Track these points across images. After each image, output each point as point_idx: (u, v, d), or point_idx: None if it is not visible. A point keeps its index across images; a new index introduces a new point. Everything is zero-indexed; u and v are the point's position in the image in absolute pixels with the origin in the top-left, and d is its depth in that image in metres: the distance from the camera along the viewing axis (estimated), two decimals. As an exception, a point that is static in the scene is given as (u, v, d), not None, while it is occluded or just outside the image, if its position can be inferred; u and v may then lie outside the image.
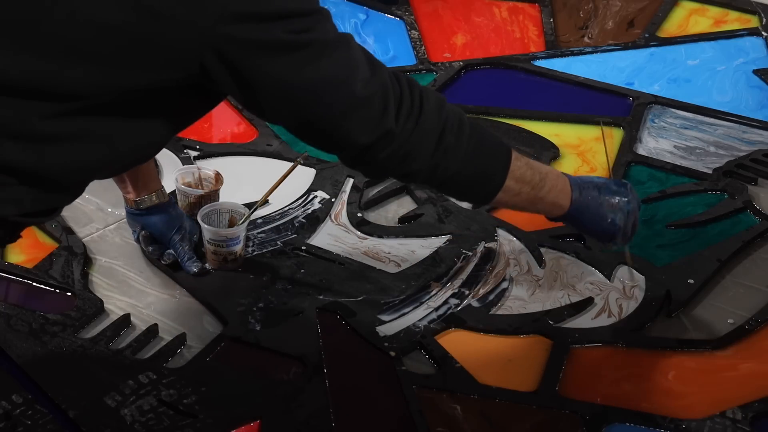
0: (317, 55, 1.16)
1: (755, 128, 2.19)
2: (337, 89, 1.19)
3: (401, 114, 1.24)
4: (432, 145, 1.28)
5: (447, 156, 1.29)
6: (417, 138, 1.26)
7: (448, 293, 1.65)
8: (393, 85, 1.25)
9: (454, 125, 1.30)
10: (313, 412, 1.40)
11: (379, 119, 1.22)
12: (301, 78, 1.16)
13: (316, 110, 1.20)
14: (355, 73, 1.20)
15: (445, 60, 2.41)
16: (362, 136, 1.23)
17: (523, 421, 1.42)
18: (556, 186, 1.41)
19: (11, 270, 1.64)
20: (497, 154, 1.35)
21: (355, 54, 1.21)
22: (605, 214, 1.46)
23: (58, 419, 1.36)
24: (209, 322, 1.57)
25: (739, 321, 1.63)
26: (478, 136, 1.33)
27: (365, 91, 1.20)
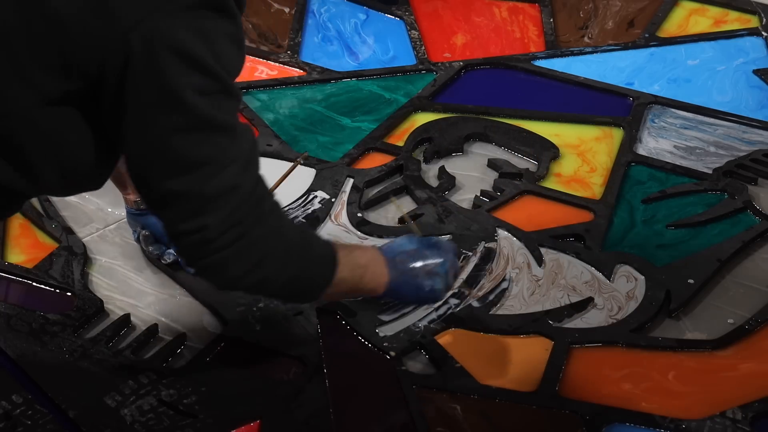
0: (199, 128, 1.11)
1: (755, 128, 2.18)
2: (188, 167, 1.13)
3: (230, 226, 1.17)
4: (246, 269, 1.21)
5: (263, 283, 1.25)
6: (231, 254, 1.18)
7: (448, 293, 1.65)
8: (244, 196, 1.17)
9: (280, 255, 1.23)
10: (313, 412, 1.41)
11: (205, 215, 1.15)
12: (167, 137, 1.11)
13: (158, 172, 1.14)
14: (219, 166, 1.14)
15: (445, 60, 2.41)
16: (181, 219, 1.16)
17: (523, 421, 1.42)
18: (375, 273, 1.37)
19: (11, 270, 1.64)
20: (321, 273, 1.30)
21: (235, 148, 1.16)
22: (422, 284, 1.40)
23: (58, 419, 1.36)
24: (209, 322, 1.57)
25: (739, 321, 1.63)
26: (305, 261, 1.28)
27: (216, 188, 1.14)
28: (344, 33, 2.51)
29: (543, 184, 1.96)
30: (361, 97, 2.25)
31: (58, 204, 1.82)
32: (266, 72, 2.32)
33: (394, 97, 2.25)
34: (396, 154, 2.01)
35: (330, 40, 2.49)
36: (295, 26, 2.51)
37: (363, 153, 2.03)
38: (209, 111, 1.11)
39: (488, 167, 2.01)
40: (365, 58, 2.42)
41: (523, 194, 1.92)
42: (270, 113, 2.15)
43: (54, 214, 1.78)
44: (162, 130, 1.11)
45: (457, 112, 2.19)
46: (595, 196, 1.94)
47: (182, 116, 1.10)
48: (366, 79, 2.32)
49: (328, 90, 2.27)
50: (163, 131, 1.11)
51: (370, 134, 2.09)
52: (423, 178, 1.95)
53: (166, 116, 1.10)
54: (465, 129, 2.12)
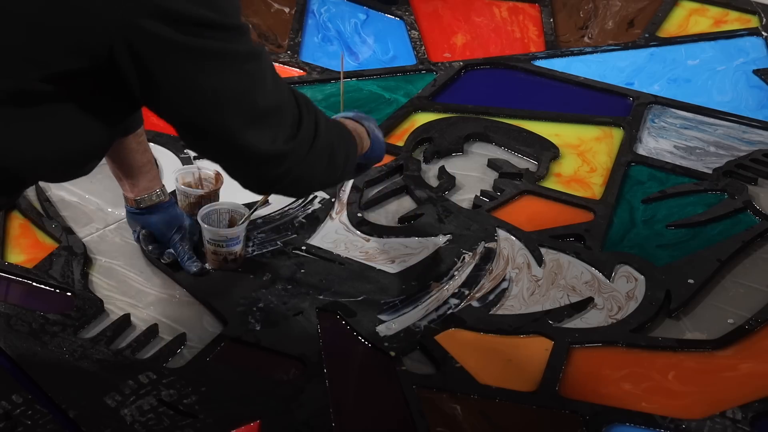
0: (226, 65, 1.16)
1: (755, 128, 2.19)
2: (235, 103, 1.19)
3: (299, 136, 1.27)
4: (323, 168, 1.34)
5: (333, 175, 1.40)
6: (309, 162, 1.30)
7: (447, 293, 1.65)
8: (292, 106, 1.27)
9: (340, 145, 1.38)
10: (313, 412, 1.41)
11: (273, 137, 1.24)
12: (207, 84, 1.16)
13: (215, 118, 1.19)
14: (256, 88, 1.20)
15: (445, 60, 2.41)
16: (256, 150, 1.23)
17: (523, 421, 1.42)
18: (358, 129, 1.53)
19: (11, 270, 1.64)
20: (354, 153, 1.46)
21: (262, 69, 1.22)
22: (380, 136, 1.59)
23: (58, 419, 1.36)
24: (209, 322, 1.57)
25: (739, 321, 1.63)
26: (346, 145, 1.42)
27: (264, 108, 1.21)
28: (344, 33, 2.51)
29: (543, 184, 1.96)
30: (361, 97, 2.25)
31: (58, 204, 1.82)
32: (266, 72, 2.32)
33: (394, 97, 2.25)
34: (396, 154, 2.01)
35: (330, 40, 2.49)
36: (295, 26, 2.51)
37: (363, 153, 2.03)
38: (228, 47, 1.15)
39: (488, 167, 2.01)
40: (365, 58, 2.42)
41: (523, 194, 1.92)
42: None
43: (54, 214, 1.78)
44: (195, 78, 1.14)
45: (457, 112, 2.19)
46: (595, 196, 1.94)
47: (208, 60, 1.14)
48: (366, 79, 2.32)
49: (328, 90, 2.27)
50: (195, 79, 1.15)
51: (370, 134, 2.09)
52: (423, 178, 1.95)
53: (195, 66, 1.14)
54: (465, 129, 2.12)
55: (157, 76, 1.13)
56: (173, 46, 1.11)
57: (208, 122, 1.20)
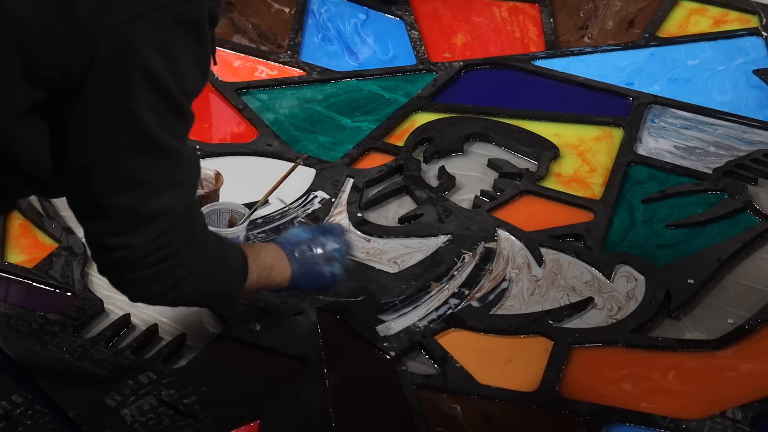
0: (143, 145, 1.11)
1: (755, 128, 2.19)
2: (128, 185, 1.14)
3: (157, 249, 1.18)
4: (165, 291, 1.24)
5: (178, 301, 1.30)
6: (152, 274, 1.20)
7: (447, 293, 1.65)
8: (176, 221, 1.18)
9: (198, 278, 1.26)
10: (313, 412, 1.41)
11: (134, 234, 1.16)
12: (112, 151, 1.11)
13: (97, 187, 1.14)
14: (158, 184, 1.15)
15: (445, 60, 2.41)
16: (110, 232, 1.17)
17: (523, 421, 1.42)
18: (280, 271, 1.42)
19: (11, 270, 1.64)
20: (236, 284, 1.35)
21: (179, 173, 1.17)
22: (322, 271, 1.46)
23: (58, 419, 1.36)
24: (209, 322, 1.57)
25: (739, 321, 1.63)
26: (221, 277, 1.31)
27: (153, 207, 1.15)
28: (344, 33, 2.51)
29: (543, 184, 1.96)
30: (361, 97, 2.25)
31: (58, 204, 1.81)
32: (266, 72, 2.32)
33: (394, 97, 2.25)
34: (396, 154, 2.01)
35: (330, 40, 2.49)
36: (295, 26, 2.51)
37: (363, 153, 2.03)
38: (159, 134, 1.12)
39: (488, 167, 2.01)
40: (365, 58, 2.42)
41: (523, 194, 1.92)
42: (270, 113, 2.15)
43: (54, 214, 1.78)
44: (110, 142, 1.11)
45: (457, 112, 2.19)
46: (595, 196, 1.94)
47: (132, 133, 1.10)
48: (366, 79, 2.32)
49: (328, 90, 2.27)
50: (110, 144, 1.11)
51: (370, 134, 2.09)
52: (423, 178, 1.95)
53: (117, 130, 1.10)
54: (465, 129, 2.12)
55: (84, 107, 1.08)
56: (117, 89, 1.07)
57: (90, 184, 1.14)
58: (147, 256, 1.18)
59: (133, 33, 1.05)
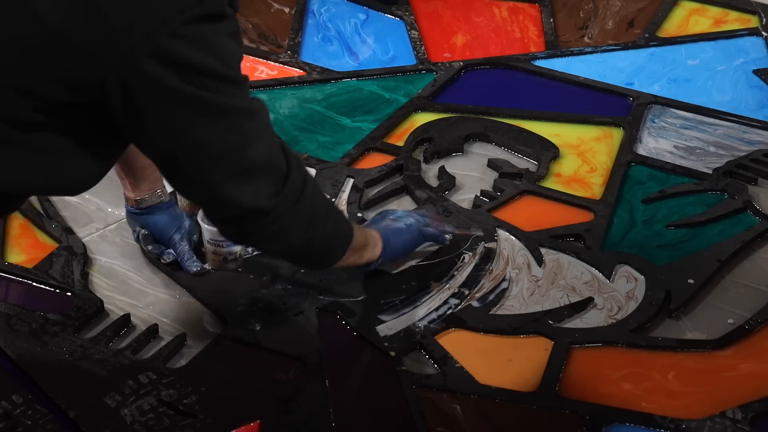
0: (216, 117, 1.16)
1: (755, 128, 2.18)
2: (222, 156, 1.19)
3: (281, 195, 1.26)
4: (301, 231, 1.33)
5: (310, 242, 1.37)
6: (288, 220, 1.29)
7: (448, 293, 1.65)
8: (281, 164, 1.26)
9: (322, 213, 1.37)
10: (313, 412, 1.41)
11: (255, 194, 1.23)
12: (192, 134, 1.15)
13: (196, 169, 1.19)
14: (246, 144, 1.20)
15: (445, 60, 2.41)
16: (235, 204, 1.23)
17: (523, 421, 1.42)
18: (371, 236, 1.57)
19: (11, 270, 1.64)
20: (345, 235, 1.46)
21: (256, 126, 1.21)
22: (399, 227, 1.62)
23: (58, 419, 1.36)
24: (209, 322, 1.57)
25: (739, 321, 1.63)
26: (334, 220, 1.41)
27: (251, 165, 1.21)
28: (344, 33, 2.51)
29: (543, 184, 1.96)
30: (361, 97, 2.25)
31: (58, 204, 1.82)
32: (266, 72, 2.32)
33: (394, 97, 2.25)
34: (396, 154, 2.01)
35: (330, 40, 2.49)
36: (295, 26, 2.51)
37: (363, 153, 2.03)
38: (224, 101, 1.15)
39: (488, 167, 2.01)
40: (365, 58, 2.42)
41: (523, 194, 1.92)
42: (270, 113, 2.15)
43: (54, 214, 1.78)
44: (186, 127, 1.14)
45: (457, 112, 2.19)
46: (595, 196, 1.94)
47: (202, 111, 1.14)
48: (366, 79, 2.32)
49: (328, 90, 2.27)
50: (186, 128, 1.14)
51: (370, 134, 2.09)
52: (423, 178, 1.95)
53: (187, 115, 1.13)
54: (465, 129, 2.12)
55: (146, 117, 1.12)
56: (169, 91, 1.10)
57: (188, 168, 1.19)
58: (276, 206, 1.26)
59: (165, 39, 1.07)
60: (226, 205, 1.24)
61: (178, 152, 1.18)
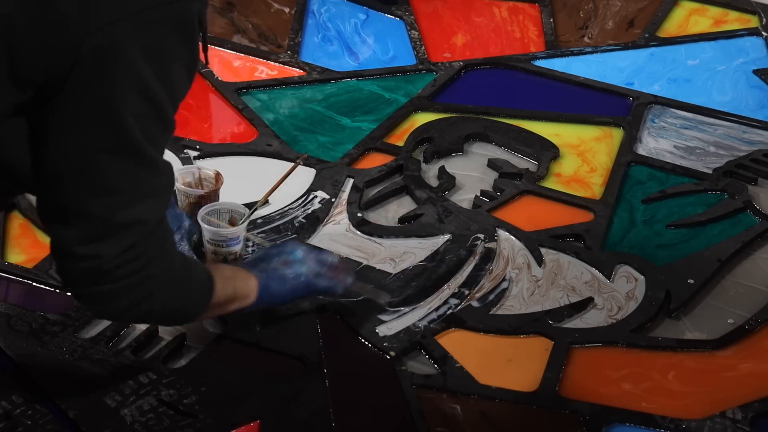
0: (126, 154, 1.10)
1: (755, 128, 2.19)
2: (106, 191, 1.12)
3: (127, 260, 1.16)
4: (131, 305, 1.21)
5: (144, 318, 1.30)
6: (121, 288, 1.18)
7: (448, 293, 1.65)
8: (148, 232, 1.17)
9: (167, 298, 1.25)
10: (313, 412, 1.41)
11: (107, 243, 1.14)
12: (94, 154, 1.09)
13: (72, 189, 1.12)
14: (136, 194, 1.14)
15: (445, 60, 2.41)
16: (77, 238, 1.14)
17: (523, 421, 1.42)
18: (243, 279, 1.42)
19: (11, 270, 1.64)
20: (200, 302, 1.33)
21: (154, 183, 1.16)
22: (285, 274, 1.46)
23: (58, 419, 1.36)
24: (209, 322, 1.57)
25: (739, 321, 1.63)
26: (187, 294, 1.30)
27: (125, 216, 1.13)
28: (344, 33, 2.51)
29: (543, 184, 1.96)
30: (361, 97, 2.25)
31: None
32: (266, 72, 2.32)
33: (394, 97, 2.25)
34: (396, 154, 2.01)
35: (330, 40, 2.49)
36: (295, 26, 2.51)
37: (363, 153, 2.03)
38: (141, 140, 1.10)
39: (488, 167, 2.01)
40: (365, 58, 2.42)
41: (523, 194, 1.92)
42: (270, 113, 2.15)
43: (54, 214, 1.78)
44: (88, 145, 1.09)
45: (457, 112, 2.19)
46: (595, 196, 1.94)
47: (114, 137, 1.09)
48: (366, 79, 2.32)
49: (328, 90, 2.27)
50: (89, 147, 1.09)
51: (370, 134, 2.09)
52: (423, 178, 1.95)
53: (98, 133, 1.08)
54: (465, 129, 2.12)
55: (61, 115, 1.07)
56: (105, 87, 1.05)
57: (66, 185, 1.12)
58: (117, 267, 1.15)
59: (121, 34, 1.03)
60: (70, 235, 1.14)
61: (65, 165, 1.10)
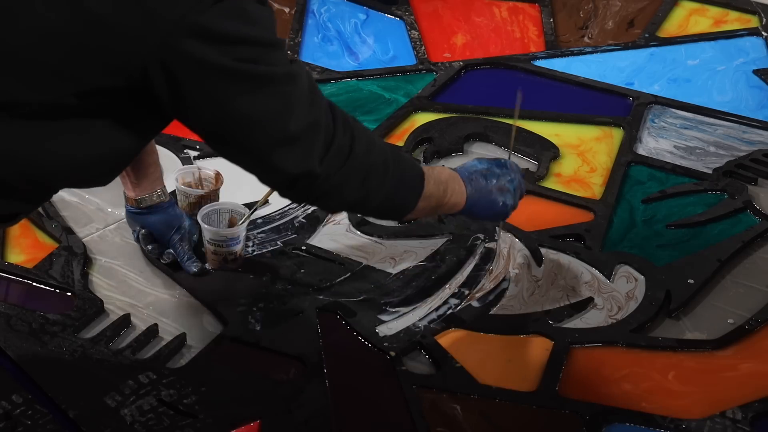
0: (258, 87, 1.16)
1: (755, 128, 2.19)
2: (268, 125, 1.19)
3: (329, 155, 1.25)
4: (355, 188, 1.31)
5: (368, 197, 1.34)
6: (340, 180, 1.28)
7: (448, 293, 1.65)
8: (327, 125, 1.25)
9: (380, 168, 1.33)
10: (313, 412, 1.41)
11: (303, 158, 1.23)
12: (237, 107, 1.16)
13: (244, 140, 1.20)
14: (290, 110, 1.20)
15: (445, 60, 2.41)
16: (285, 170, 1.23)
17: (523, 421, 1.42)
18: (455, 190, 1.48)
19: (11, 270, 1.64)
20: (413, 185, 1.40)
21: (298, 90, 1.21)
22: (496, 199, 1.51)
23: (58, 419, 1.36)
24: (209, 322, 1.57)
25: (739, 321, 1.63)
26: (399, 172, 1.36)
27: (297, 129, 1.20)
28: (344, 33, 2.51)
29: (543, 184, 1.96)
30: (361, 97, 2.25)
31: (58, 204, 1.82)
32: (266, 72, 2.32)
33: (394, 97, 2.25)
34: (396, 154, 2.01)
35: (330, 40, 2.49)
36: (295, 26, 2.51)
37: (363, 153, 2.02)
38: (265, 70, 1.16)
39: (488, 167, 2.01)
40: (365, 58, 2.42)
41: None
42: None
43: (54, 214, 1.78)
44: (230, 100, 1.15)
45: (457, 112, 2.19)
46: (595, 196, 1.94)
47: (244, 83, 1.14)
48: (366, 79, 2.32)
49: (328, 90, 2.27)
50: (230, 101, 1.15)
51: (370, 134, 2.09)
52: (423, 178, 1.95)
53: (230, 89, 1.14)
54: (465, 129, 2.12)
55: (189, 95, 1.13)
56: (210, 67, 1.11)
57: (236, 140, 1.21)
58: (326, 167, 1.24)
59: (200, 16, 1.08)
60: (277, 172, 1.24)
61: (223, 126, 1.18)
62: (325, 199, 1.31)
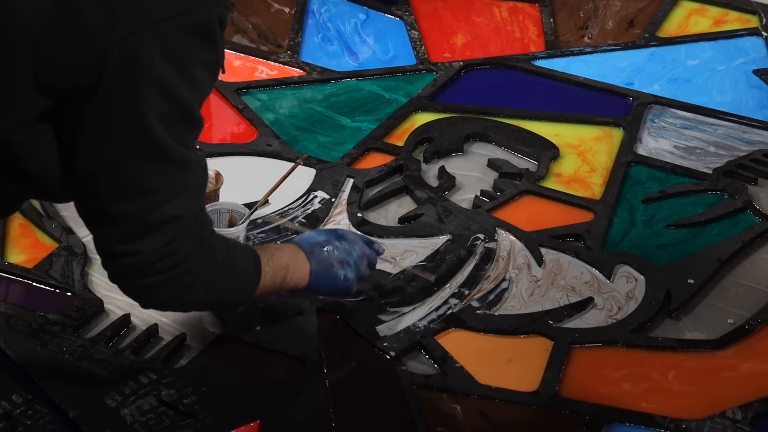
0: (159, 157, 1.13)
1: (755, 128, 2.19)
2: (142, 196, 1.15)
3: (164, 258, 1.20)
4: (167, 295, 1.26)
5: (191, 304, 1.32)
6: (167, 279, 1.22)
7: (448, 293, 1.65)
8: (186, 226, 1.20)
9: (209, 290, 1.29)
10: (313, 412, 1.41)
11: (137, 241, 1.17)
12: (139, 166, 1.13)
13: (101, 196, 1.16)
14: (177, 193, 1.17)
15: (445, 60, 2.41)
16: (116, 242, 1.18)
17: (523, 421, 1.42)
18: (296, 270, 1.43)
19: (11, 270, 1.64)
20: (244, 293, 1.37)
21: (188, 181, 1.18)
22: (338, 272, 1.46)
23: (58, 419, 1.36)
24: (209, 322, 1.57)
25: (739, 321, 1.63)
26: (226, 286, 1.32)
27: (155, 217, 1.16)
28: (344, 33, 2.51)
29: (543, 184, 1.96)
30: (361, 97, 2.25)
31: (59, 204, 1.81)
32: (266, 72, 2.32)
33: (394, 97, 2.25)
34: (396, 154, 2.01)
35: (330, 40, 2.49)
36: (295, 26, 2.51)
37: (363, 153, 2.03)
38: (169, 142, 1.13)
39: (488, 167, 2.01)
40: (365, 58, 2.42)
41: (523, 194, 1.92)
42: (270, 113, 2.15)
43: (54, 214, 1.78)
44: (120, 151, 1.12)
45: (457, 112, 2.19)
46: (595, 196, 1.94)
47: (143, 142, 1.11)
48: (366, 79, 2.32)
49: (328, 90, 2.27)
50: (120, 152, 1.12)
51: (370, 134, 2.09)
52: (423, 178, 1.95)
53: (127, 139, 1.11)
54: (465, 129, 2.12)
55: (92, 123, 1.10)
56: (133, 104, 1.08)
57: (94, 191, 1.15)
58: (157, 262, 1.19)
59: (144, 42, 1.06)
60: (114, 231, 1.18)
61: (99, 170, 1.13)
62: (141, 292, 1.25)
